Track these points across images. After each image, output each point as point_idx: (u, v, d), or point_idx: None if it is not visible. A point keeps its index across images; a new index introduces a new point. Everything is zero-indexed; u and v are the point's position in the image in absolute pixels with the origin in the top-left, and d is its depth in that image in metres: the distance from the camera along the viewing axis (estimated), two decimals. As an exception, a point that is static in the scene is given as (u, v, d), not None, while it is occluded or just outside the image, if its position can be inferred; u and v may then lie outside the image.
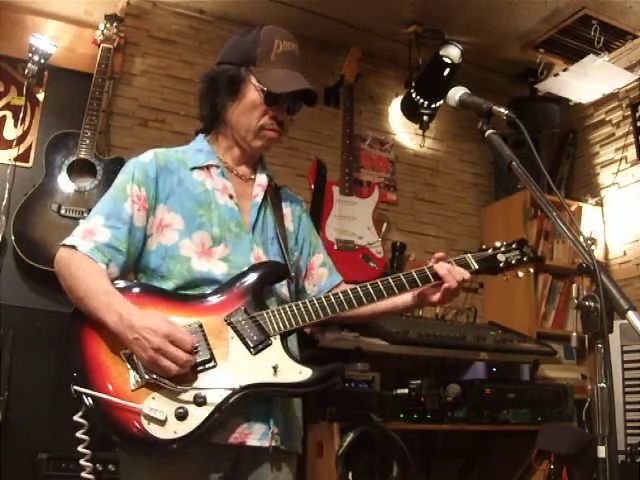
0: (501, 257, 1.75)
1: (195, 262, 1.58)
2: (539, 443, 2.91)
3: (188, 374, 1.44)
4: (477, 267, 1.71)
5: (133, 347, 1.42)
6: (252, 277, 1.58)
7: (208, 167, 1.70)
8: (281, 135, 1.72)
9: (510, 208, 4.01)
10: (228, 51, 1.74)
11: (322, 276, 1.83)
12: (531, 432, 2.98)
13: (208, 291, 1.57)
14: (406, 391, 2.97)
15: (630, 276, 3.89)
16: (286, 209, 1.80)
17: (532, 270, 1.82)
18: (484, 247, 1.77)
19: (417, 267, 1.70)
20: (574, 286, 3.18)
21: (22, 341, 2.87)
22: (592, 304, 1.19)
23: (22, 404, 2.77)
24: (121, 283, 1.55)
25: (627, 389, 3.16)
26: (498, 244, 1.77)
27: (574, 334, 3.08)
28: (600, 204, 4.14)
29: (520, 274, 1.79)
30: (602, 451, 1.14)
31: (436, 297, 1.69)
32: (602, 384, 1.16)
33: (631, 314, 1.14)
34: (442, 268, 1.66)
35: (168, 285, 1.58)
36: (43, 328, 2.94)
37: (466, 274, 1.67)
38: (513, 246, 1.77)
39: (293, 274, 1.71)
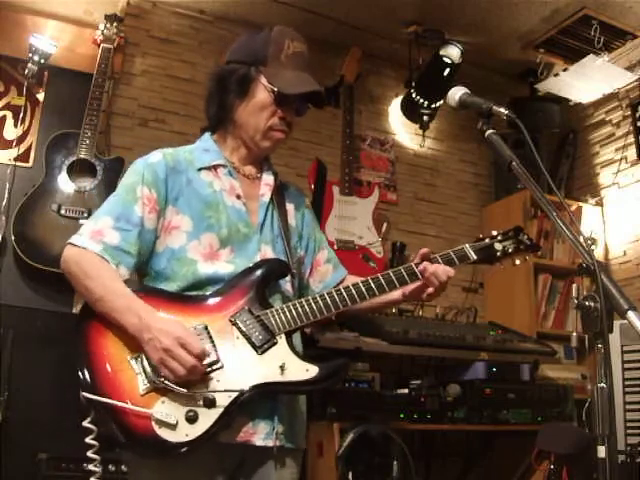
0: (498, 246, 1.76)
1: (201, 265, 1.59)
2: (539, 443, 2.91)
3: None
4: (475, 257, 1.74)
5: (147, 347, 1.43)
6: (254, 275, 1.59)
7: (215, 167, 1.71)
8: (288, 136, 1.73)
9: (510, 208, 4.01)
10: (238, 50, 1.74)
11: (327, 272, 1.85)
12: (531, 432, 2.98)
13: (212, 291, 1.58)
14: (406, 391, 2.97)
15: (630, 276, 3.89)
16: (289, 205, 1.80)
17: (528, 258, 1.84)
18: (481, 237, 1.79)
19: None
20: (574, 286, 3.16)
21: (22, 341, 2.87)
22: (592, 304, 1.19)
23: (22, 404, 2.77)
24: None
25: (627, 389, 3.15)
26: (495, 233, 1.79)
27: (574, 334, 3.08)
28: (600, 204, 4.14)
29: (517, 262, 1.81)
30: (602, 451, 1.14)
31: (423, 296, 1.71)
32: (602, 384, 1.16)
33: (631, 314, 1.14)
34: (426, 271, 1.67)
35: (171, 287, 1.58)
36: (43, 328, 2.94)
37: (451, 272, 1.68)
38: (509, 234, 1.79)
39: (295, 270, 1.71)
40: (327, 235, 3.47)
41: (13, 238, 2.92)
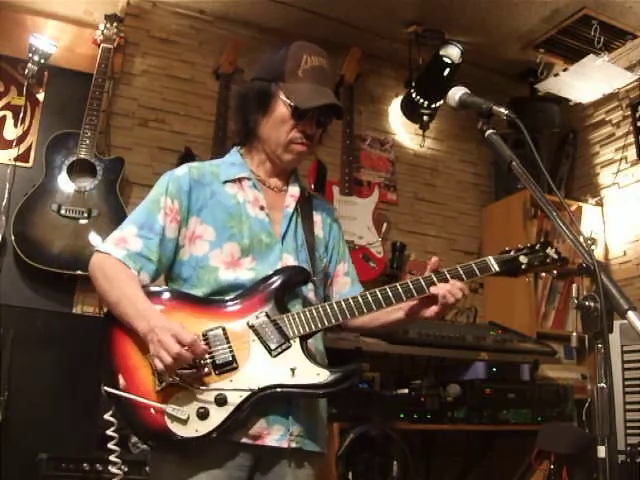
0: (523, 259, 1.76)
1: (222, 272, 1.64)
2: (539, 443, 2.91)
3: (211, 375, 1.51)
4: (498, 269, 1.73)
5: (150, 346, 1.49)
6: (275, 281, 1.63)
7: (240, 180, 1.75)
8: (311, 148, 1.76)
9: (510, 208, 4.01)
10: (259, 67, 1.80)
11: (345, 285, 1.88)
12: (531, 432, 2.98)
13: (233, 295, 1.63)
14: (406, 391, 2.97)
15: (630, 276, 3.88)
16: (317, 216, 1.84)
17: (556, 272, 1.82)
18: (507, 249, 1.78)
19: (417, 268, 1.71)
20: (574, 286, 3.16)
21: (22, 341, 2.87)
22: (592, 304, 1.19)
23: (22, 404, 2.77)
24: (152, 288, 1.63)
25: (627, 389, 3.16)
26: (521, 246, 1.78)
27: (574, 334, 3.08)
28: (600, 204, 4.14)
29: (543, 275, 1.79)
30: (602, 451, 1.14)
31: (429, 312, 1.70)
32: (602, 384, 1.16)
33: (631, 314, 1.14)
34: (440, 289, 1.66)
35: (197, 293, 1.64)
36: (43, 328, 2.93)
37: (466, 289, 1.68)
38: (536, 248, 1.78)
39: (316, 278, 1.74)
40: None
41: (13, 238, 2.92)
